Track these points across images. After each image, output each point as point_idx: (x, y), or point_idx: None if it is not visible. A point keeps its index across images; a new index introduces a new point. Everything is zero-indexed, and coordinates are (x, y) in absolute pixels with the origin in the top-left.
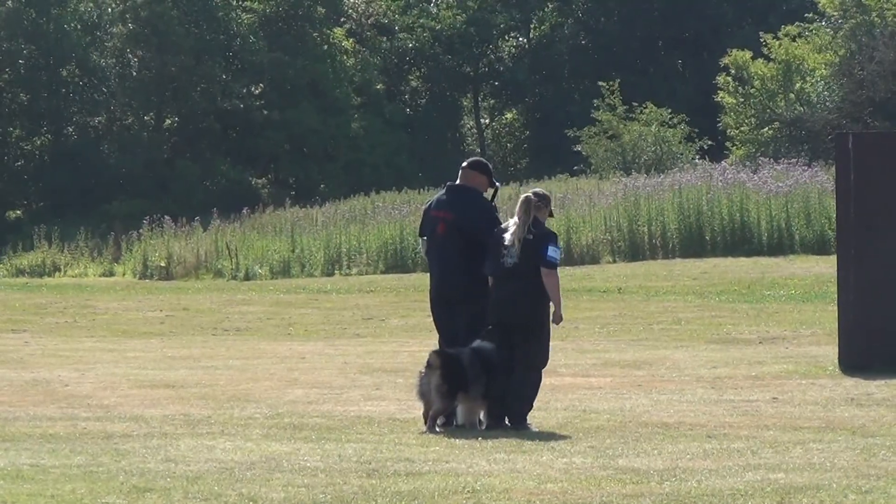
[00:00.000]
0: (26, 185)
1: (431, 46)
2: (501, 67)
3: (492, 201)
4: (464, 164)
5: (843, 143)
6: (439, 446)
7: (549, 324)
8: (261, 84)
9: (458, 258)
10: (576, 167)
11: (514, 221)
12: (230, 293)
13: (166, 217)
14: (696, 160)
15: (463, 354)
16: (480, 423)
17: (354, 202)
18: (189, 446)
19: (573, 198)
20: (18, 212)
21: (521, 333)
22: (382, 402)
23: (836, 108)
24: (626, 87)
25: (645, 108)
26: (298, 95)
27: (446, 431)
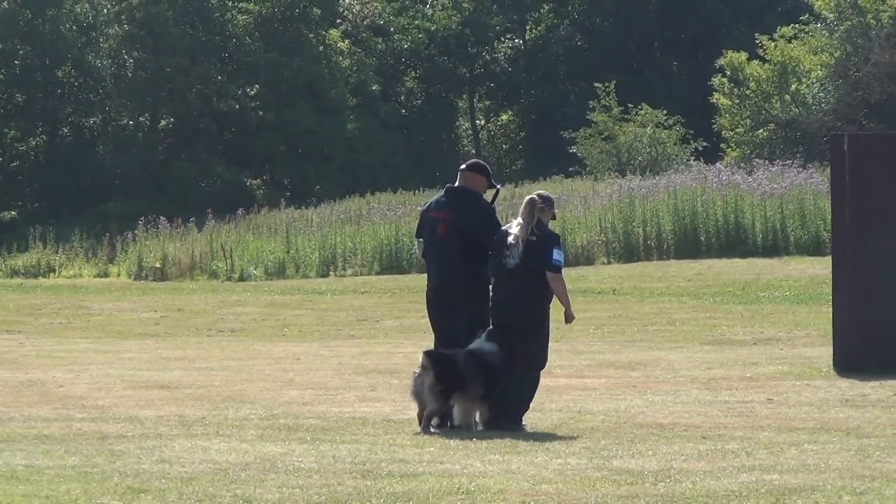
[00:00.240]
0: (21, 186)
1: (427, 48)
2: (497, 69)
3: (492, 203)
4: (463, 166)
5: (838, 145)
6: (434, 447)
7: (548, 325)
8: (256, 85)
9: (457, 259)
10: (571, 168)
11: (518, 222)
12: (225, 294)
13: (161, 218)
14: (691, 162)
15: (458, 355)
16: (476, 424)
17: (350, 203)
18: (184, 447)
19: (568, 199)
20: (13, 212)
21: (520, 334)
22: (377, 403)
23: (832, 110)
24: (621, 89)
25: (640, 109)
26: (294, 96)
27: (441, 432)
